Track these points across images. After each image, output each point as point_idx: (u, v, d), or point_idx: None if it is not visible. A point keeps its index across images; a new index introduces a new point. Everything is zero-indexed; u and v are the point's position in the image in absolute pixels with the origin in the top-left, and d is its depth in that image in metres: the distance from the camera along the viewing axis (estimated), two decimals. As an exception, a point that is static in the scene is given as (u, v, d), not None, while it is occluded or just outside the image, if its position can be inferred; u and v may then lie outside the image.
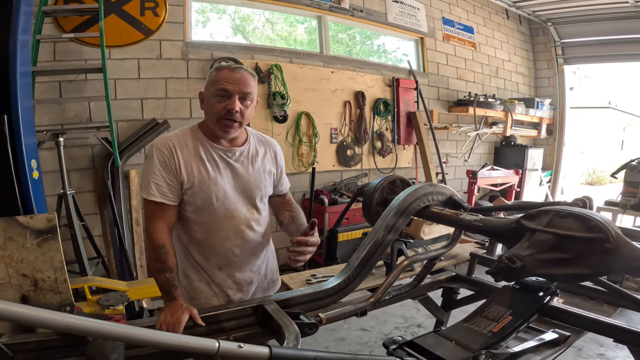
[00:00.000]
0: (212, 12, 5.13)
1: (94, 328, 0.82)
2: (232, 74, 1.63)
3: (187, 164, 1.66)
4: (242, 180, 1.75)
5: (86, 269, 3.47)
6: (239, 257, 1.79)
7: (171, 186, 1.64)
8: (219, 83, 1.63)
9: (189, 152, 1.67)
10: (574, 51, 7.89)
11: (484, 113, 6.73)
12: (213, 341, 0.97)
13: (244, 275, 1.82)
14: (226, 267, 1.78)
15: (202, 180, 1.66)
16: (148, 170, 1.65)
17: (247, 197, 1.77)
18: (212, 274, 1.78)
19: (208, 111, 1.69)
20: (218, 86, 1.63)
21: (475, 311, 1.61)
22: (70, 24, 3.88)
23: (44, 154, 3.58)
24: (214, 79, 1.65)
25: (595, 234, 1.26)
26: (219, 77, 1.64)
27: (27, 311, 0.68)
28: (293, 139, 5.11)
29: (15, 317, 0.67)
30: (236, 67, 1.67)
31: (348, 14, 5.58)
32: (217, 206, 1.70)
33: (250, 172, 1.77)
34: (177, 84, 4.35)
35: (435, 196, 2.00)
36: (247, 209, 1.78)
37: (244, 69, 1.68)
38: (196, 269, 1.78)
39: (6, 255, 2.13)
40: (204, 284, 1.78)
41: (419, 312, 3.86)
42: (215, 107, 1.64)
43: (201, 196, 1.67)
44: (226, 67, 1.66)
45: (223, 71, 1.65)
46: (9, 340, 1.27)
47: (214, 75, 1.66)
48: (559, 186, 8.31)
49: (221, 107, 1.63)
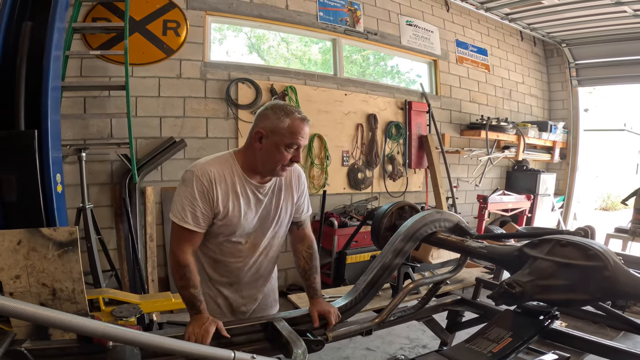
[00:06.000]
0: (229, 30, 5.29)
1: (127, 336, 0.91)
2: (304, 127, 1.65)
3: (224, 198, 1.69)
4: (266, 213, 1.82)
5: (100, 281, 3.56)
6: (250, 279, 1.88)
7: (205, 216, 1.68)
8: (295, 137, 1.63)
9: (227, 186, 1.70)
10: (589, 72, 7.87)
11: (496, 137, 6.70)
12: (229, 351, 1.06)
13: (250, 293, 1.91)
14: (236, 284, 1.87)
15: (234, 215, 1.72)
16: (185, 197, 1.66)
17: (269, 228, 1.85)
18: (221, 289, 1.86)
19: (267, 156, 1.68)
20: (295, 139, 1.63)
21: (477, 332, 1.65)
22: (97, 41, 4.06)
23: (66, 167, 3.67)
24: (290, 129, 1.63)
25: (593, 262, 1.33)
26: (294, 128, 1.63)
27: (69, 319, 0.77)
28: (305, 161, 5.17)
29: (60, 324, 0.75)
30: (305, 119, 1.67)
31: (362, 37, 5.71)
32: (241, 236, 1.78)
33: (274, 205, 1.83)
34: (195, 103, 4.48)
35: (442, 223, 2.07)
36: (267, 239, 1.86)
37: (308, 118, 1.69)
38: (205, 283, 1.84)
39: (28, 265, 2.22)
40: (209, 297, 1.84)
41: (424, 333, 3.85)
42: (281, 156, 1.65)
43: (230, 228, 1.74)
44: (299, 118, 1.65)
45: (297, 122, 1.64)
46: (31, 345, 1.34)
47: (289, 124, 1.63)
48: (572, 212, 8.20)
49: (287, 157, 1.66)
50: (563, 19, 6.77)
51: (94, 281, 3.56)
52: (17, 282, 2.22)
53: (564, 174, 8.10)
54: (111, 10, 4.04)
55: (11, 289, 2.22)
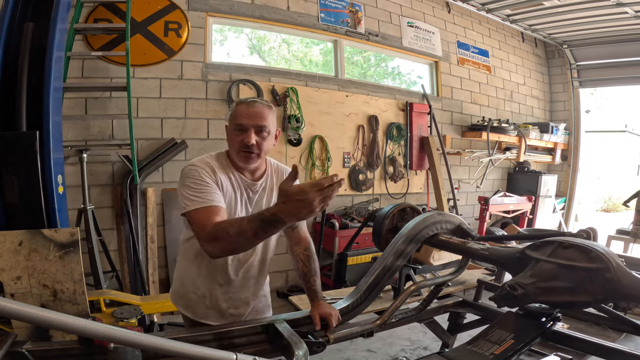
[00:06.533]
0: (230, 31, 5.30)
1: (128, 337, 0.90)
2: (248, 109, 1.71)
3: (223, 187, 1.71)
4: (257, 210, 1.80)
5: (101, 282, 3.57)
6: (241, 280, 1.87)
7: (218, 195, 1.63)
8: (237, 118, 1.72)
9: (223, 178, 1.73)
10: (590, 74, 7.87)
11: (497, 138, 6.70)
12: (231, 353, 1.05)
13: (241, 296, 1.90)
14: (227, 284, 1.85)
15: (229, 207, 1.73)
16: (193, 183, 1.62)
17: None
18: (212, 288, 1.85)
19: (230, 144, 1.78)
20: (236, 121, 1.72)
21: (479, 334, 1.65)
22: (98, 42, 4.07)
23: (67, 168, 3.69)
24: (233, 113, 1.75)
25: (596, 264, 1.33)
26: (237, 112, 1.73)
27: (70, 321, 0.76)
28: (306, 163, 5.19)
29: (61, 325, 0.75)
30: (252, 102, 1.75)
31: (364, 38, 5.72)
32: None
33: (265, 203, 1.82)
34: (196, 104, 4.49)
35: (444, 224, 2.06)
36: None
37: (260, 102, 1.75)
38: (193, 282, 1.85)
39: (29, 266, 2.23)
40: (197, 298, 1.85)
41: (425, 335, 3.85)
42: (234, 141, 1.73)
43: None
44: (243, 102, 1.75)
45: (240, 106, 1.74)
46: (32, 347, 1.34)
47: (233, 110, 1.76)
48: (573, 213, 8.19)
49: (239, 140, 1.71)
50: (564, 20, 6.77)
51: (95, 282, 3.57)
52: (18, 283, 2.23)
53: (565, 175, 8.10)
54: (113, 11, 4.05)
55: (12, 290, 2.23)
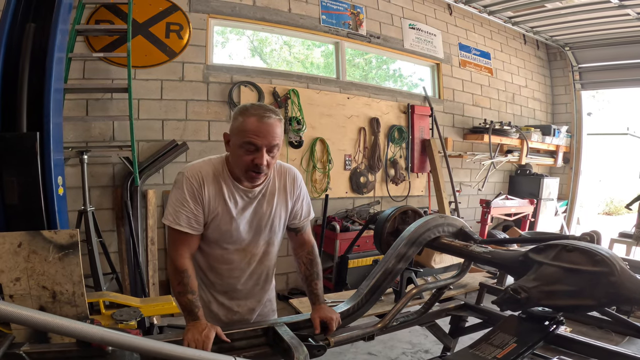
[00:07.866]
0: (232, 33, 5.30)
1: (125, 341, 0.89)
2: (260, 125, 1.53)
3: (212, 201, 1.67)
4: (258, 218, 1.78)
5: (100, 284, 3.56)
6: (245, 287, 1.85)
7: (198, 217, 1.66)
8: (247, 136, 1.54)
9: (215, 188, 1.68)
10: (592, 76, 7.84)
11: (499, 141, 6.66)
12: (230, 357, 1.03)
13: (247, 302, 1.89)
14: (232, 292, 1.84)
15: (223, 219, 1.70)
16: (176, 199, 1.64)
17: (262, 233, 1.81)
18: (216, 296, 1.84)
19: (234, 160, 1.64)
20: (246, 139, 1.54)
21: (481, 338, 1.63)
22: (100, 43, 4.07)
23: (68, 170, 3.68)
24: (242, 127, 1.55)
25: (600, 268, 1.32)
26: (247, 127, 1.54)
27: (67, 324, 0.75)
28: (307, 165, 5.18)
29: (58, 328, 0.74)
30: (264, 116, 1.55)
31: (365, 40, 5.71)
32: (233, 242, 1.76)
33: (266, 209, 1.78)
34: (197, 106, 4.49)
35: (446, 227, 2.04)
36: (261, 245, 1.83)
37: (272, 115, 1.57)
38: (201, 288, 1.82)
39: (29, 268, 2.22)
40: (203, 303, 1.81)
41: (426, 338, 3.83)
42: (242, 159, 1.58)
43: (219, 232, 1.72)
44: (254, 115, 1.55)
45: (250, 120, 1.54)
46: (30, 349, 1.32)
47: (241, 123, 1.56)
48: (575, 216, 8.15)
49: (249, 160, 1.57)
50: (566, 23, 6.76)
51: (95, 284, 3.56)
52: (17, 284, 2.22)
53: (567, 178, 8.06)
54: (114, 12, 4.05)
55: (11, 292, 2.22)
